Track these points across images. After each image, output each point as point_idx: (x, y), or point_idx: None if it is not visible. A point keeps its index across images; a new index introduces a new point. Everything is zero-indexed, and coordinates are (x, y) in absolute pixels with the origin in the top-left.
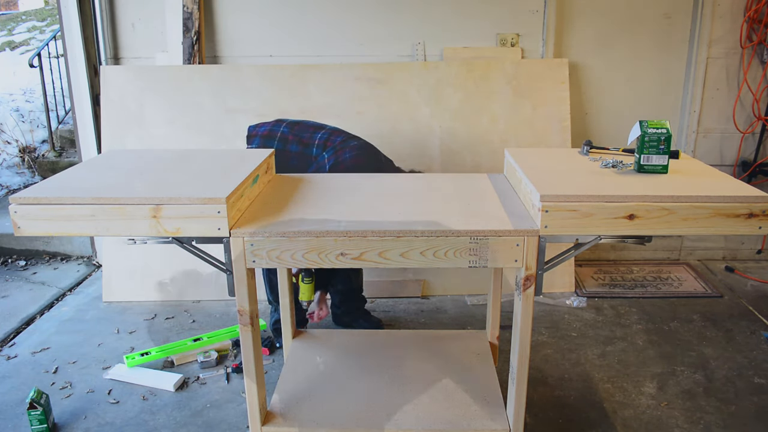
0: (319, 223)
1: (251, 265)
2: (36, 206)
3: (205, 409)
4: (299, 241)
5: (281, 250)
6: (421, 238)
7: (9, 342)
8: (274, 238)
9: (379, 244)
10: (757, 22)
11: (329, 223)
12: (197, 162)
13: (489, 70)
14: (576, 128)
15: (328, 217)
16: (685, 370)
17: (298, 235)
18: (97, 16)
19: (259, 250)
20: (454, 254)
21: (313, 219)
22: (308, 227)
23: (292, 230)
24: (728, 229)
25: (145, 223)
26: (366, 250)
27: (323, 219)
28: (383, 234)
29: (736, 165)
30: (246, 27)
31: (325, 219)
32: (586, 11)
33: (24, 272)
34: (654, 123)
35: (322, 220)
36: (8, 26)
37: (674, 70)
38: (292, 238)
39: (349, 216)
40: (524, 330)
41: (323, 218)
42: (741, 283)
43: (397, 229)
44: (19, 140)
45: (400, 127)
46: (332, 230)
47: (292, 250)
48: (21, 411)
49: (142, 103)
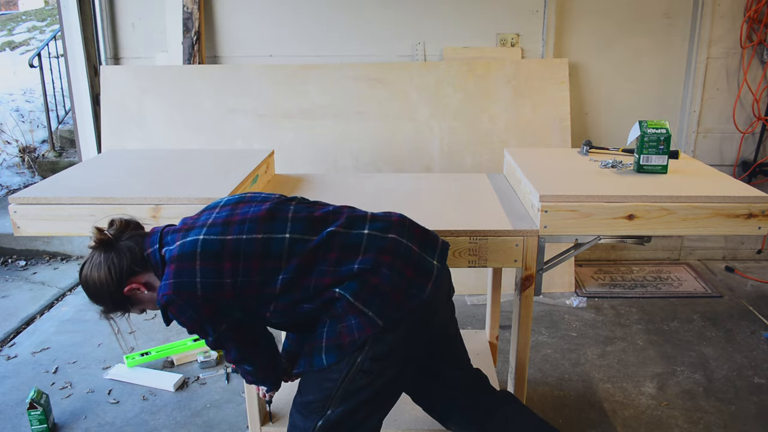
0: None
1: None
2: (36, 206)
3: (205, 409)
4: None
5: None
6: None
7: (9, 342)
8: None
9: None
10: (757, 22)
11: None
12: (197, 162)
13: (489, 70)
14: (576, 128)
15: None
16: (685, 370)
17: None
18: (97, 16)
19: None
20: (453, 254)
21: None
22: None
23: None
24: (728, 229)
25: (145, 223)
26: None
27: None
28: None
29: (736, 165)
30: (246, 27)
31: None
32: (586, 11)
33: (24, 272)
34: (654, 123)
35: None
36: (8, 26)
37: (674, 70)
38: None
39: None
40: (524, 330)
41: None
42: (741, 283)
43: None
44: (19, 140)
45: (400, 127)
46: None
47: None
48: (21, 411)
49: (142, 103)
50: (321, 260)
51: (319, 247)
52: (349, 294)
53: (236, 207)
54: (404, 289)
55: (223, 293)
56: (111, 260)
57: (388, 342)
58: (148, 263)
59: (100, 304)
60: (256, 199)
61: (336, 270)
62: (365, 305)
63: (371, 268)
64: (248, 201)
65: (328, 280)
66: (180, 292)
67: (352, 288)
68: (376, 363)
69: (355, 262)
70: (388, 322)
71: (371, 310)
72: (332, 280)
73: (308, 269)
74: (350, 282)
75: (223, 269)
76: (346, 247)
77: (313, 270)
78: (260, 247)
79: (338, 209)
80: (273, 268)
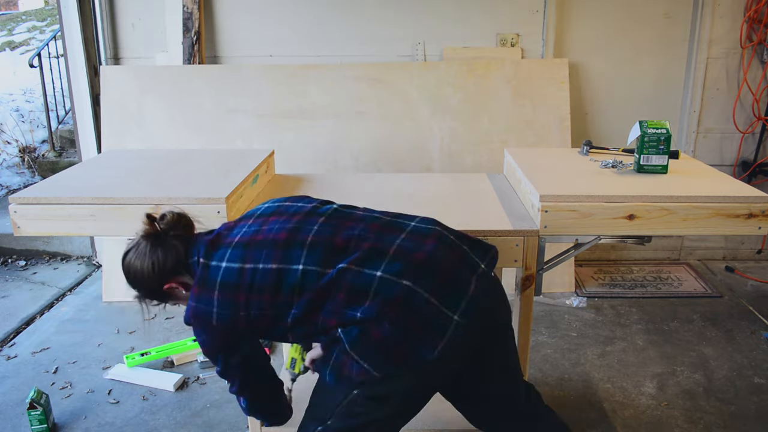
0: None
1: None
2: (36, 206)
3: (205, 409)
4: None
5: None
6: None
7: (9, 342)
8: None
9: None
10: (757, 22)
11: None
12: (197, 162)
13: (489, 70)
14: (576, 128)
15: None
16: (685, 370)
17: None
18: (97, 16)
19: None
20: None
21: None
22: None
23: None
24: (728, 229)
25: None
26: None
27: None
28: None
29: (736, 165)
30: (246, 27)
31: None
32: (586, 11)
33: (24, 272)
34: (654, 123)
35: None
36: (8, 26)
37: (674, 70)
38: None
39: None
40: (524, 330)
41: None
42: (741, 283)
43: None
44: (19, 140)
45: (400, 127)
46: None
47: None
48: (21, 411)
49: (142, 103)
50: (330, 299)
51: (329, 286)
52: (347, 341)
53: (268, 219)
54: (409, 346)
55: (237, 325)
56: (157, 255)
57: (387, 388)
58: (188, 269)
59: (137, 291)
60: (289, 210)
61: (342, 312)
62: (361, 357)
63: (374, 318)
64: (282, 212)
65: (333, 321)
66: (197, 318)
67: (351, 336)
68: (371, 403)
69: (359, 309)
70: (387, 375)
71: (366, 363)
72: (337, 323)
73: (318, 307)
74: (352, 328)
75: (238, 301)
76: (354, 289)
77: (322, 308)
78: (274, 280)
79: (364, 234)
80: (285, 303)
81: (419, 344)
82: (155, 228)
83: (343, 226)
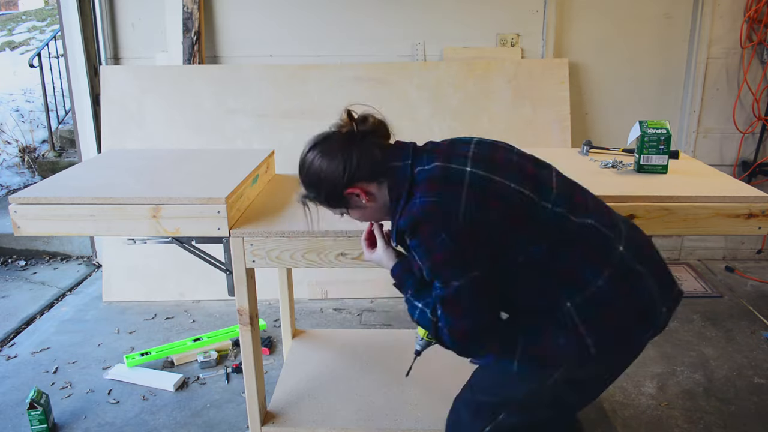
0: (319, 223)
1: (251, 265)
2: (36, 206)
3: (205, 409)
4: (299, 241)
5: (281, 250)
6: None
7: (9, 342)
8: (274, 238)
9: None
10: (757, 22)
11: (329, 223)
12: (197, 162)
13: (489, 70)
14: (576, 128)
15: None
16: (685, 370)
17: (298, 235)
18: (97, 16)
19: (259, 250)
20: None
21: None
22: (308, 227)
23: (291, 230)
24: (728, 229)
25: (144, 223)
26: None
27: (323, 219)
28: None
29: (736, 165)
30: (246, 27)
31: (325, 219)
32: (586, 11)
33: (24, 272)
34: (654, 123)
35: (321, 219)
36: (8, 26)
37: (674, 70)
38: (292, 238)
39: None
40: None
41: (323, 218)
42: (741, 283)
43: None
44: (19, 140)
45: (400, 127)
46: (332, 230)
47: (292, 250)
48: (21, 411)
49: (142, 103)
50: (569, 248)
51: (574, 234)
52: (578, 315)
53: (495, 148)
54: (631, 330)
55: (484, 230)
56: (349, 156)
57: (589, 371)
58: (385, 175)
59: (310, 191)
60: (512, 151)
61: (578, 268)
62: (588, 331)
63: (610, 295)
64: (505, 149)
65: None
66: (436, 213)
67: (583, 309)
68: (569, 387)
69: (599, 277)
70: (601, 356)
71: (590, 338)
72: (570, 278)
73: (554, 252)
74: (585, 300)
75: (489, 206)
76: (598, 249)
77: (558, 255)
78: (526, 206)
79: (597, 201)
80: (526, 234)
81: (637, 328)
82: (354, 128)
83: (575, 186)
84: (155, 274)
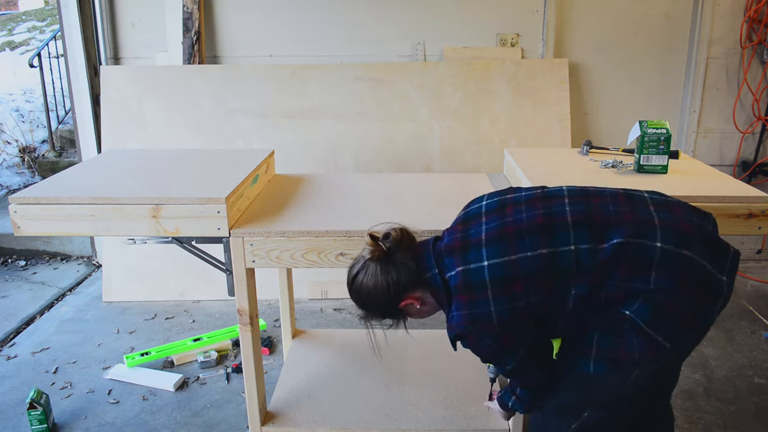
0: (319, 223)
1: (251, 265)
2: (36, 206)
3: (205, 409)
4: (299, 241)
5: (281, 250)
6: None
7: (9, 342)
8: (274, 238)
9: None
10: (757, 22)
11: (329, 223)
12: (197, 162)
13: (489, 70)
14: (576, 128)
15: (328, 217)
16: (685, 370)
17: (298, 235)
18: (97, 16)
19: (259, 250)
20: None
21: (313, 219)
22: (308, 227)
23: (291, 230)
24: (728, 229)
25: (144, 223)
26: None
27: (323, 219)
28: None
29: (736, 165)
30: (246, 27)
31: (325, 219)
32: (586, 11)
33: (24, 272)
34: (654, 123)
35: (322, 219)
36: (8, 26)
37: (674, 70)
38: (292, 238)
39: (349, 216)
40: None
41: (323, 218)
42: (741, 283)
43: None
44: (19, 140)
45: (400, 127)
46: (332, 230)
47: (292, 250)
48: (21, 411)
49: (142, 103)
50: (611, 275)
51: (609, 262)
52: (641, 319)
53: (503, 212)
54: (697, 313)
55: (518, 317)
56: (390, 274)
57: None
58: (423, 282)
59: (369, 311)
60: (520, 199)
61: (626, 286)
62: (656, 331)
63: (666, 290)
64: (512, 203)
65: (619, 296)
66: (476, 323)
67: (643, 312)
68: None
69: (649, 281)
70: (676, 346)
71: (661, 336)
72: (623, 297)
73: (598, 284)
74: (642, 304)
75: (515, 292)
76: (637, 261)
77: (603, 285)
78: (547, 264)
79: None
80: (563, 286)
81: (705, 308)
82: (381, 248)
83: (591, 203)
84: (155, 274)
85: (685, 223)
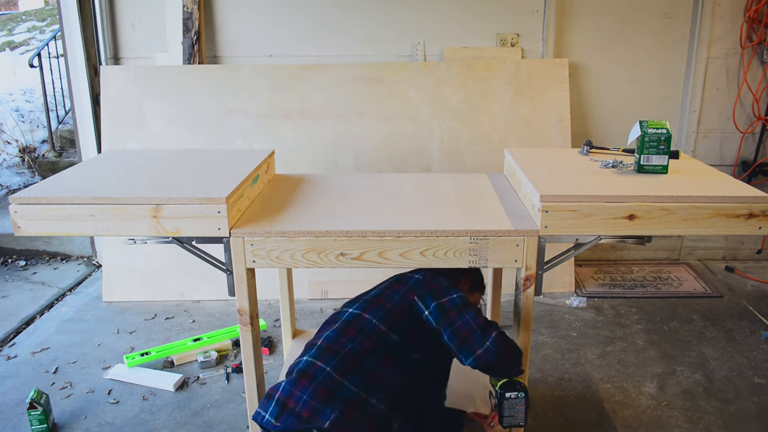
0: (319, 223)
1: (251, 265)
2: (36, 206)
3: (205, 409)
4: (299, 241)
5: (281, 250)
6: (421, 238)
7: (9, 342)
8: (274, 238)
9: (378, 244)
10: (757, 22)
11: (329, 223)
12: (197, 162)
13: (489, 70)
14: (576, 128)
15: (328, 217)
16: (685, 370)
17: (298, 235)
18: (97, 16)
19: (259, 250)
20: (453, 254)
21: (313, 219)
22: (308, 227)
23: (292, 230)
24: (728, 230)
25: (144, 223)
26: (366, 250)
27: (323, 219)
28: (383, 234)
29: (736, 165)
30: (246, 27)
31: (325, 219)
32: (586, 11)
33: (24, 272)
34: (654, 123)
35: (322, 219)
36: (8, 26)
37: (674, 70)
38: (292, 238)
39: (349, 216)
40: (524, 330)
41: (323, 218)
42: (741, 283)
43: (397, 229)
44: (19, 140)
45: (400, 127)
46: (332, 230)
47: (292, 250)
48: (21, 411)
49: (142, 103)
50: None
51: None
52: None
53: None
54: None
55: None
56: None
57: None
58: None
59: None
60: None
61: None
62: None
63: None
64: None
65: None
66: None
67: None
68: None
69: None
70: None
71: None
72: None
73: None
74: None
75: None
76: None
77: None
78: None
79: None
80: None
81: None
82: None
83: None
84: (155, 274)
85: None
